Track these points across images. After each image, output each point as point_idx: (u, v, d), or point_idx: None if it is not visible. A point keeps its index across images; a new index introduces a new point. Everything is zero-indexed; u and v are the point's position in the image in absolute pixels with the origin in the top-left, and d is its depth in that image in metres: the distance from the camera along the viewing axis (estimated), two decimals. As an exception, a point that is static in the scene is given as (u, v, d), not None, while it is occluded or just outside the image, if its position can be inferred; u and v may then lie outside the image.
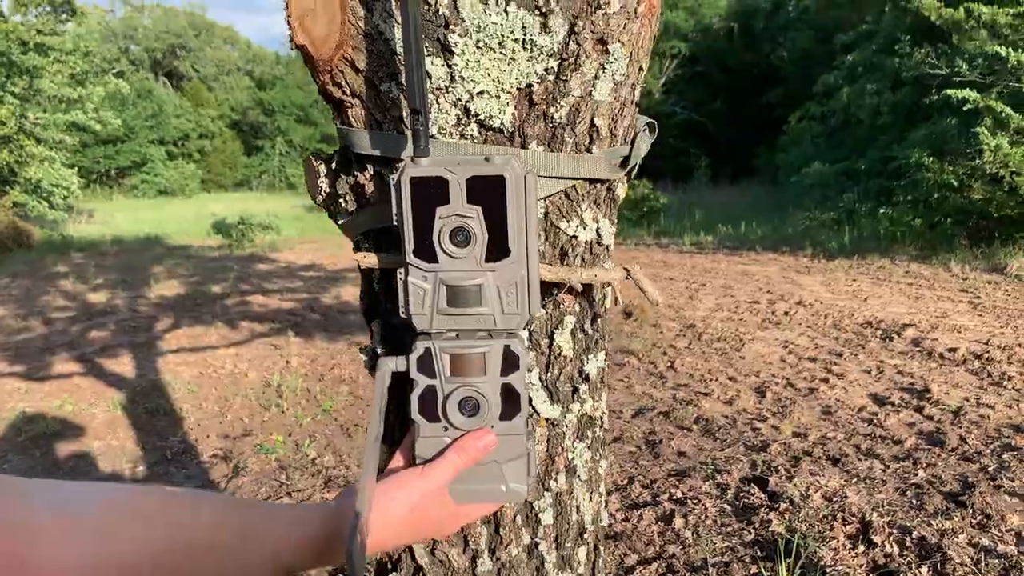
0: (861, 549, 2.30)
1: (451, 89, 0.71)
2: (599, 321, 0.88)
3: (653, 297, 0.82)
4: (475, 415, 0.69)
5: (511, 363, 0.69)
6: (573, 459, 0.87)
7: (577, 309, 0.84)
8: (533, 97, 0.73)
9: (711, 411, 3.87)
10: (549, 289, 0.80)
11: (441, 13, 0.68)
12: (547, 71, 0.72)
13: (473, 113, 0.72)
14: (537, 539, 0.86)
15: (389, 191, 0.68)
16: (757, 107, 23.01)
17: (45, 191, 14.90)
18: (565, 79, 0.73)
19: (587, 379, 0.86)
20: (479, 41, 0.69)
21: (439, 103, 0.72)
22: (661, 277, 8.42)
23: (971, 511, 2.52)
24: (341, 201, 0.82)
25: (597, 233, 0.82)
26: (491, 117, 0.73)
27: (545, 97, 0.73)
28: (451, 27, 0.69)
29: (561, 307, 0.82)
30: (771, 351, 5.05)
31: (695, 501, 2.70)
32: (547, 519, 0.86)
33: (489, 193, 0.65)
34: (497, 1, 0.68)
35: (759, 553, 2.32)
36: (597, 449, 0.91)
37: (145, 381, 4.79)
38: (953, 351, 4.68)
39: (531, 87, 0.72)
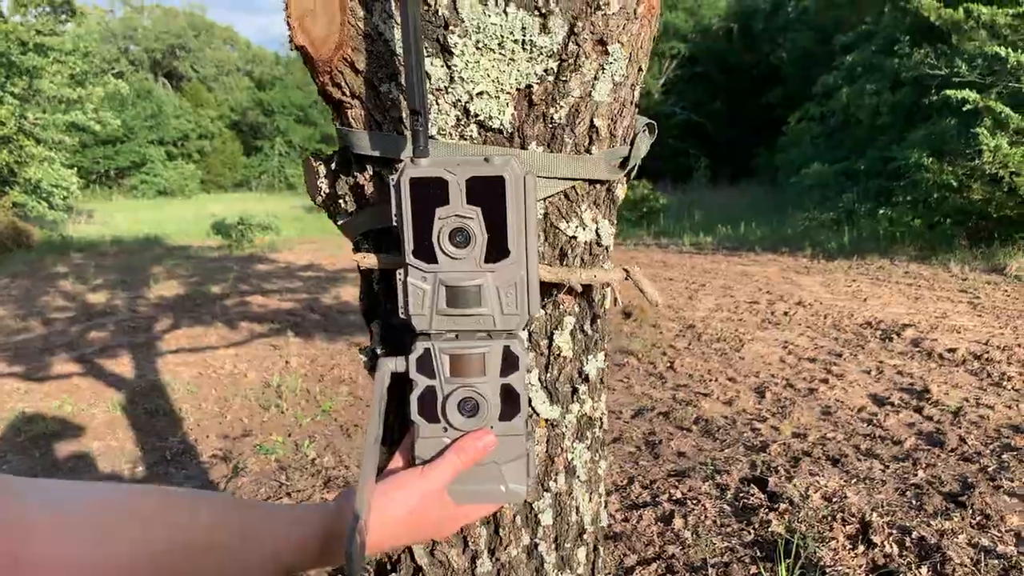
0: (861, 549, 2.30)
1: (451, 90, 0.71)
2: (598, 322, 0.88)
3: (652, 298, 0.82)
4: (474, 416, 0.69)
5: (510, 364, 0.69)
6: (573, 460, 0.87)
7: (576, 310, 0.84)
8: (533, 98, 0.73)
9: (711, 411, 3.87)
10: (549, 290, 0.80)
11: (441, 14, 0.68)
12: (547, 72, 0.72)
13: (473, 114, 0.72)
14: (536, 540, 0.86)
15: (389, 192, 0.68)
16: (756, 108, 23.03)
17: (45, 191, 14.90)
18: (564, 80, 0.73)
19: (586, 380, 0.86)
20: (479, 42, 0.69)
21: (439, 104, 0.72)
22: (661, 278, 8.42)
23: (971, 511, 2.52)
24: (341, 202, 0.82)
25: (596, 234, 0.82)
26: (491, 118, 0.73)
27: (545, 98, 0.73)
28: (451, 28, 0.69)
29: (561, 308, 0.82)
30: (771, 351, 5.05)
31: (695, 501, 2.70)
32: (546, 520, 0.86)
33: (489, 194, 0.65)
34: (496, 2, 0.68)
35: (759, 553, 2.32)
36: (596, 450, 0.91)
37: (144, 381, 4.79)
38: (953, 351, 4.68)
39: (531, 88, 0.72)
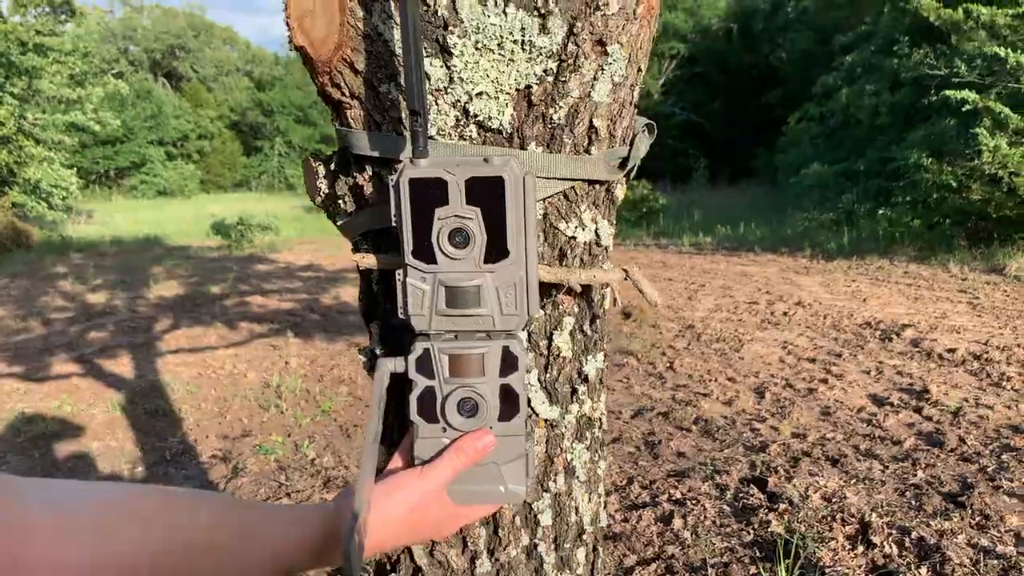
0: (860, 550, 2.30)
1: (450, 90, 0.71)
2: (598, 322, 0.88)
3: (652, 298, 0.82)
4: (474, 416, 0.69)
5: (510, 364, 0.69)
6: (572, 460, 0.87)
7: (576, 310, 0.84)
8: (532, 98, 0.73)
9: (710, 412, 3.87)
10: (548, 290, 0.80)
11: (440, 14, 0.68)
12: (546, 72, 0.72)
13: (472, 114, 0.72)
14: (536, 540, 0.86)
15: (388, 192, 0.68)
16: (756, 108, 23.04)
17: (44, 192, 14.90)
18: (564, 80, 0.73)
19: (586, 380, 0.86)
20: (478, 42, 0.69)
21: (438, 104, 0.72)
22: (660, 278, 8.43)
23: (970, 512, 2.53)
24: (340, 202, 0.82)
25: (596, 234, 0.82)
26: (490, 118, 0.73)
27: (544, 98, 0.73)
28: (450, 28, 0.69)
29: (560, 308, 0.82)
30: (770, 352, 5.05)
31: (694, 502, 2.70)
32: (546, 520, 0.86)
33: (488, 194, 0.65)
34: (496, 2, 0.68)
35: (758, 554, 2.33)
36: (596, 450, 0.91)
37: (144, 382, 4.79)
38: (952, 352, 4.68)
39: (530, 88, 0.72)
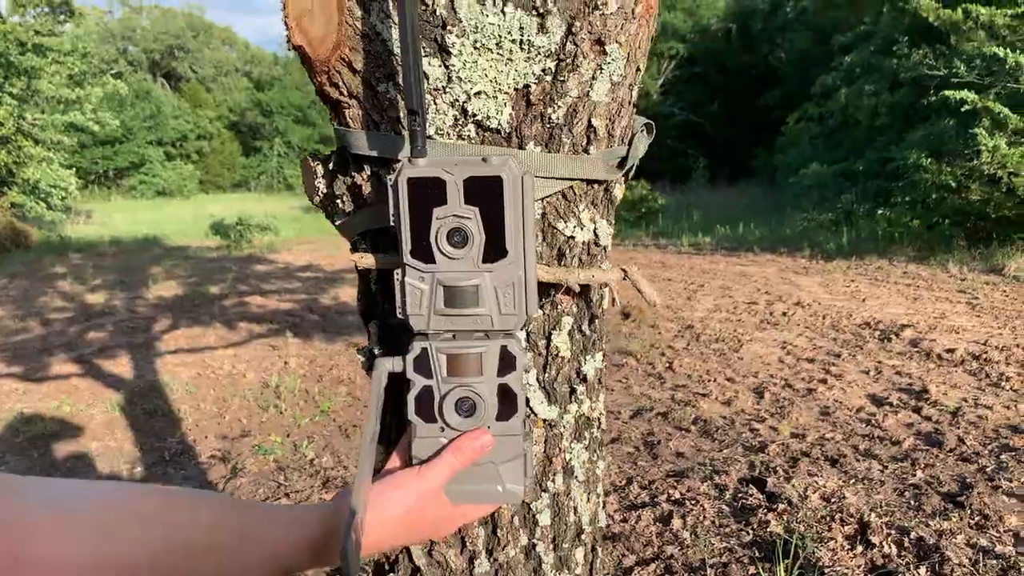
0: (859, 550, 2.30)
1: (448, 90, 0.71)
2: (597, 322, 0.88)
3: (651, 298, 0.82)
4: (472, 416, 0.69)
5: (508, 364, 0.69)
6: (570, 460, 0.87)
7: (575, 310, 0.84)
8: (530, 98, 0.73)
9: (709, 412, 3.87)
10: (547, 290, 0.80)
11: (438, 14, 0.68)
12: (544, 72, 0.72)
13: (470, 114, 0.72)
14: (535, 540, 0.86)
15: (386, 192, 0.68)
16: (755, 108, 23.04)
17: (43, 192, 14.88)
18: (562, 80, 0.73)
19: (585, 380, 0.86)
20: (476, 42, 0.69)
21: (436, 104, 0.72)
22: (659, 278, 8.43)
23: (969, 512, 2.53)
24: (338, 202, 0.82)
25: (594, 234, 0.82)
26: (488, 118, 0.73)
27: (542, 98, 0.73)
28: (448, 28, 0.69)
29: (559, 308, 0.82)
30: (769, 352, 5.05)
31: (693, 502, 2.70)
32: (544, 520, 0.86)
33: (486, 194, 0.65)
34: (494, 2, 0.68)
35: (757, 554, 2.33)
36: (595, 450, 0.91)
37: (143, 382, 4.78)
38: (951, 352, 4.69)
39: (528, 88, 0.72)
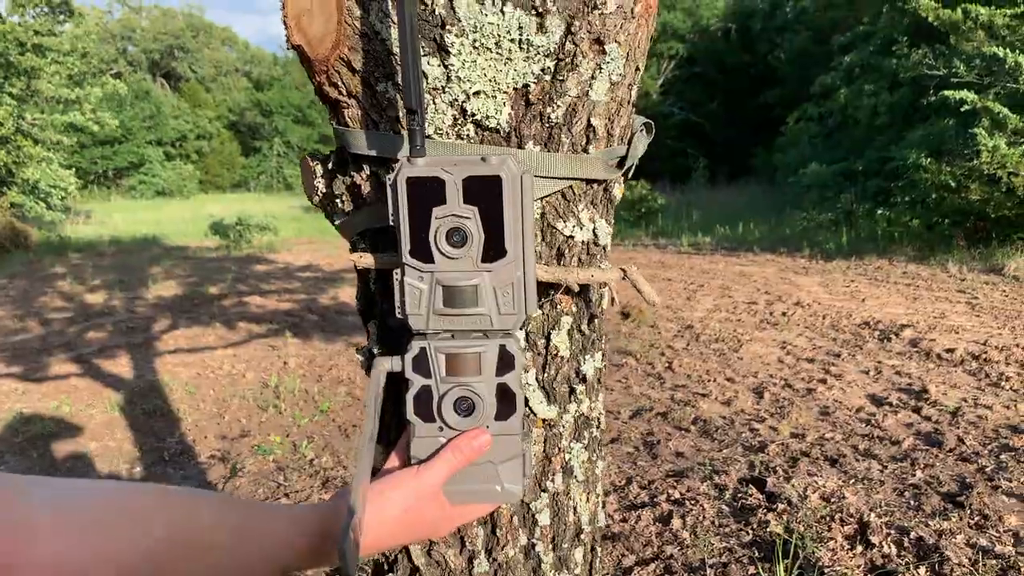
0: (859, 550, 2.30)
1: (447, 89, 0.71)
2: (596, 321, 0.87)
3: (650, 297, 0.82)
4: (470, 415, 0.69)
5: (506, 363, 0.69)
6: (570, 460, 0.87)
7: (574, 310, 0.84)
8: (530, 97, 0.73)
9: (709, 412, 3.87)
10: (546, 290, 0.80)
11: (437, 13, 0.68)
12: (544, 71, 0.72)
13: (469, 113, 0.72)
14: (534, 540, 0.86)
15: (385, 191, 0.68)
16: (755, 108, 23.05)
17: (43, 192, 14.89)
18: (562, 79, 0.73)
19: (584, 379, 0.86)
20: (475, 41, 0.69)
21: (435, 103, 0.72)
22: (659, 278, 8.43)
23: (969, 512, 2.53)
24: (337, 201, 0.82)
25: (594, 233, 0.82)
26: (487, 117, 0.73)
27: (542, 97, 0.73)
28: (447, 27, 0.68)
29: (558, 308, 0.82)
30: (769, 352, 5.05)
31: (693, 502, 2.70)
32: (544, 520, 0.86)
33: (485, 193, 0.65)
34: (493, 1, 0.68)
35: (757, 554, 2.32)
36: (594, 450, 0.91)
37: (143, 382, 4.78)
38: (951, 352, 4.69)
39: (528, 87, 0.72)
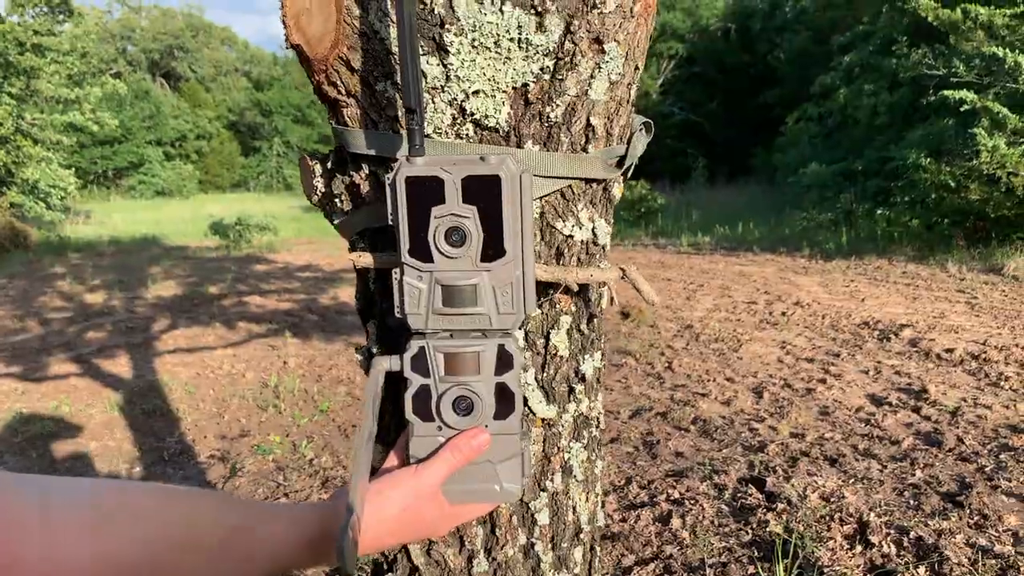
0: (858, 549, 2.30)
1: (446, 88, 0.71)
2: (595, 321, 0.87)
3: (649, 297, 0.82)
4: (469, 414, 0.69)
5: (505, 362, 0.69)
6: (569, 459, 0.87)
7: (573, 309, 0.84)
8: (529, 96, 0.73)
9: (708, 412, 3.87)
10: (545, 289, 0.80)
11: (436, 12, 0.68)
12: (543, 70, 0.72)
13: (469, 112, 0.72)
14: (533, 539, 0.86)
15: (384, 191, 0.68)
16: (754, 108, 23.06)
17: (42, 192, 14.89)
18: (561, 78, 0.73)
19: (583, 379, 0.86)
20: (474, 40, 0.69)
21: (434, 102, 0.72)
22: (659, 278, 8.43)
23: (968, 511, 2.53)
24: (336, 201, 0.82)
25: (593, 233, 0.82)
26: (487, 116, 0.72)
27: (541, 96, 0.73)
28: (446, 26, 0.68)
29: (557, 307, 0.82)
30: (768, 352, 5.05)
31: (692, 502, 2.70)
32: (543, 519, 0.86)
33: (485, 193, 0.65)
34: (492, 0, 0.68)
35: (756, 553, 2.32)
36: (593, 449, 0.91)
37: (142, 382, 4.78)
38: (950, 351, 4.69)
39: (527, 86, 0.72)
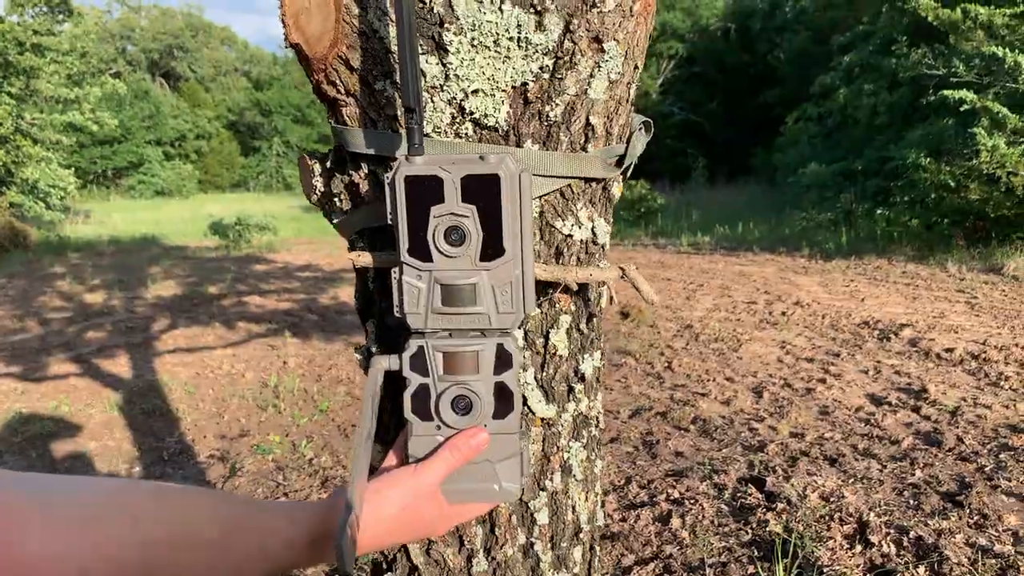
0: (858, 549, 2.30)
1: (446, 87, 0.71)
2: (594, 320, 0.87)
3: (649, 296, 0.82)
4: (468, 413, 0.69)
5: (504, 361, 0.69)
6: (568, 458, 0.87)
7: (572, 308, 0.84)
8: (528, 95, 0.73)
9: (708, 411, 3.87)
10: (544, 288, 0.80)
11: (436, 11, 0.68)
12: (542, 69, 0.72)
13: (468, 111, 0.72)
14: (532, 539, 0.85)
15: (384, 190, 0.68)
16: (754, 108, 23.06)
17: (42, 192, 14.89)
18: (560, 77, 0.72)
19: (582, 378, 0.86)
20: (474, 39, 0.69)
21: (434, 101, 0.72)
22: (659, 278, 8.43)
23: (968, 511, 2.52)
24: (336, 200, 0.82)
25: (592, 232, 0.82)
26: (486, 116, 0.72)
27: (540, 95, 0.73)
28: (446, 25, 0.68)
29: (556, 306, 0.82)
30: (768, 351, 5.05)
31: (692, 501, 2.70)
32: (542, 519, 0.85)
33: (484, 192, 0.65)
34: (492, -1, 0.68)
35: (756, 553, 2.32)
36: (593, 448, 0.91)
37: (142, 382, 4.78)
38: (950, 351, 4.69)
39: (526, 85, 0.72)
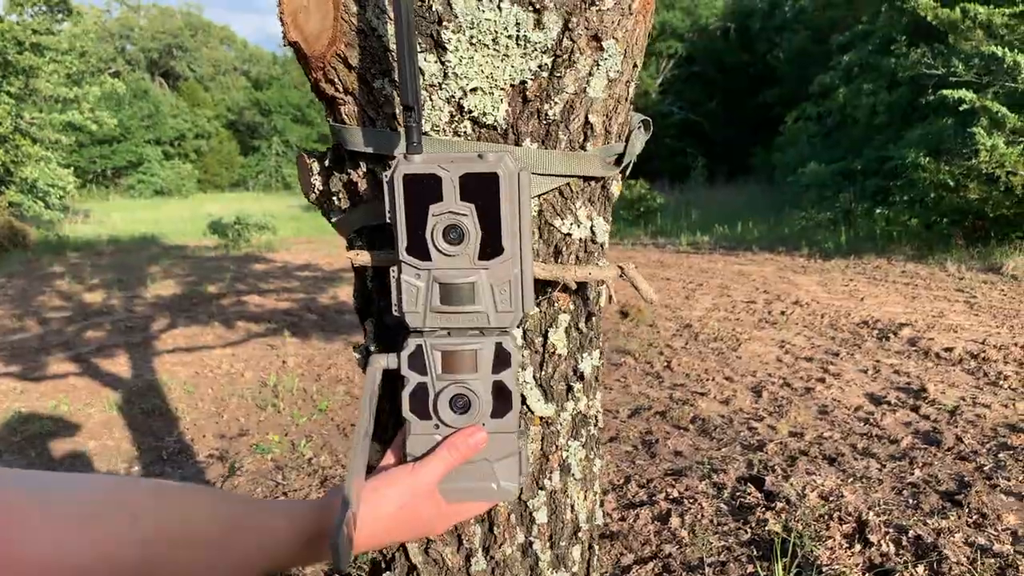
0: (857, 548, 2.30)
1: (444, 86, 0.71)
2: (594, 319, 0.87)
3: (647, 295, 0.82)
4: (466, 412, 0.69)
5: (503, 360, 0.68)
6: (567, 457, 0.87)
7: (571, 307, 0.84)
8: (527, 94, 0.73)
9: (707, 411, 3.87)
10: (543, 287, 0.80)
11: (434, 9, 0.68)
12: (541, 68, 0.72)
13: (466, 110, 0.72)
14: (531, 538, 0.85)
15: (382, 188, 0.67)
16: (753, 107, 23.07)
17: (41, 191, 14.87)
18: (559, 76, 0.72)
19: (581, 377, 0.86)
20: (472, 37, 0.69)
21: (432, 100, 0.72)
22: (658, 277, 8.43)
23: (967, 510, 2.53)
24: (334, 199, 0.82)
25: (591, 231, 0.82)
26: (484, 114, 0.72)
27: (539, 94, 0.73)
28: (444, 23, 0.68)
29: (555, 305, 0.82)
30: (767, 351, 5.05)
31: (691, 500, 2.70)
32: (541, 518, 0.85)
33: (482, 190, 0.65)
34: (490, -3, 0.68)
35: (755, 552, 2.32)
36: (592, 447, 0.91)
37: (141, 381, 4.78)
38: (949, 351, 4.69)
39: (525, 84, 0.72)
